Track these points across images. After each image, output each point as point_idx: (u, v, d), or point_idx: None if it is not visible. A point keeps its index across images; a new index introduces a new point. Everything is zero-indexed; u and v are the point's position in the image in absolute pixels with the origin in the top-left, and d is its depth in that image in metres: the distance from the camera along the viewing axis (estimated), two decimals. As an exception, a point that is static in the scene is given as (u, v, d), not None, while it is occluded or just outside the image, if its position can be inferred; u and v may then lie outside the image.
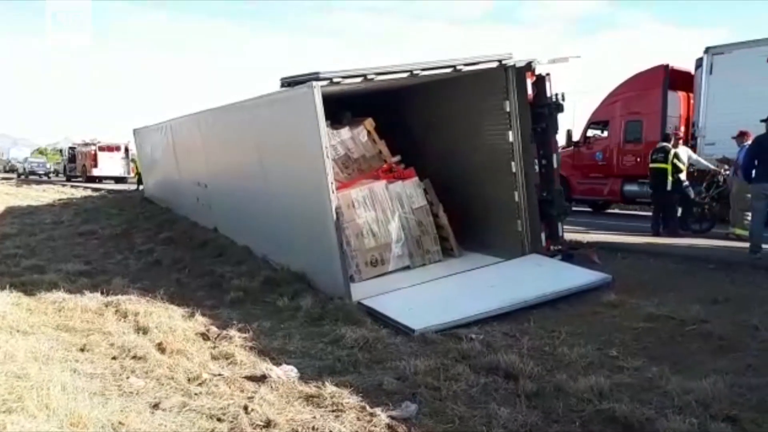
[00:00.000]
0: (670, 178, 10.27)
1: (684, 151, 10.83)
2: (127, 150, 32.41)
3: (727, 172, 10.76)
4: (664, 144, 10.52)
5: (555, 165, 7.78)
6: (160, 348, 4.84)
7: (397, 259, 7.80)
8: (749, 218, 9.06)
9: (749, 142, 9.21)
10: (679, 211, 10.62)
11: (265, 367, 4.42)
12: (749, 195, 9.40)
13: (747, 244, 8.39)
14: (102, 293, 6.44)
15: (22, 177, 38.19)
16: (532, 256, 7.71)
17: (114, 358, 4.65)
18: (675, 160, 10.26)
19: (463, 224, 8.32)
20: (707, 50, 12.27)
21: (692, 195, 10.54)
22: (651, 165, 10.48)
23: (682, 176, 10.36)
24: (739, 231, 9.95)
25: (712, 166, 11.08)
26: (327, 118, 6.59)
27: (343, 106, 8.89)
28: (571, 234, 8.87)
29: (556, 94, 7.64)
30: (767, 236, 8.11)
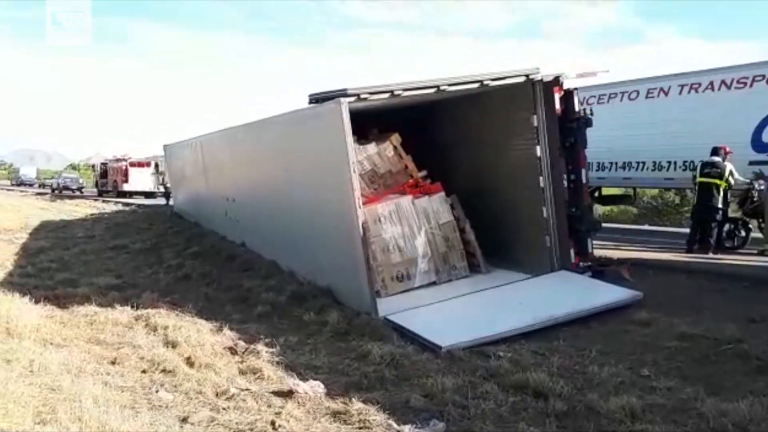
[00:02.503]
0: (721, 194, 9.94)
1: (732, 167, 10.39)
2: (157, 166, 33.01)
3: (762, 187, 10.50)
4: (716, 159, 10.12)
5: (584, 180, 7.68)
6: (189, 362, 4.88)
7: (423, 274, 7.76)
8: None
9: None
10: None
11: (291, 382, 4.43)
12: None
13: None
14: (132, 307, 6.53)
15: (56, 192, 39.13)
16: (561, 273, 7.61)
17: (144, 371, 4.70)
18: (730, 177, 9.93)
19: (490, 240, 8.25)
20: None
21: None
22: (701, 179, 9.91)
23: (728, 193, 10.04)
24: (774, 247, 9.71)
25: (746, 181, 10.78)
26: (354, 133, 6.64)
27: (369, 122, 8.94)
28: (600, 250, 8.73)
29: (584, 109, 7.57)
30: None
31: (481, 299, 7.06)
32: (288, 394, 4.24)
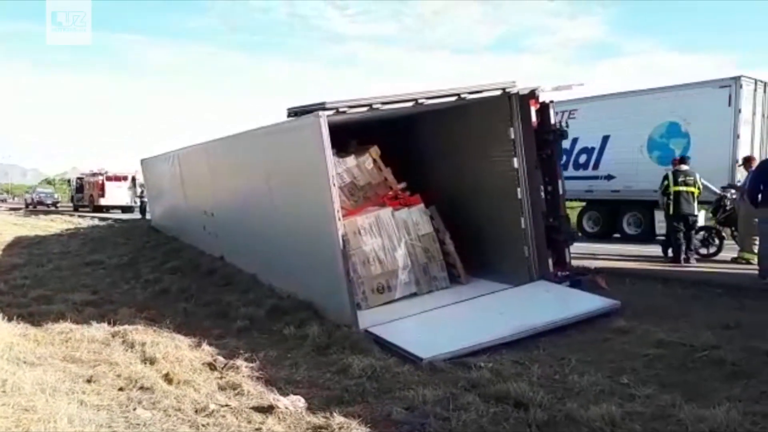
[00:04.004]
0: (695, 202, 10.13)
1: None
2: (134, 180, 32.66)
3: (734, 197, 10.74)
4: (686, 167, 10.30)
5: (561, 191, 7.78)
6: (167, 378, 4.81)
7: (403, 286, 7.78)
8: (757, 242, 9.03)
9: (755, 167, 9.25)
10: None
11: (272, 397, 4.39)
12: (757, 219, 9.39)
13: (755, 269, 8.34)
14: (109, 323, 6.43)
15: (30, 207, 38.48)
16: (539, 283, 7.68)
17: (121, 389, 4.62)
18: (700, 183, 10.13)
19: (470, 251, 8.30)
20: None
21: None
22: (677, 188, 10.05)
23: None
24: (747, 255, 9.91)
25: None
26: (333, 146, 6.65)
27: (349, 134, 8.96)
28: (578, 260, 8.83)
29: (560, 121, 7.68)
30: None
31: (462, 310, 7.08)
32: (268, 410, 4.20)
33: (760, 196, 8.11)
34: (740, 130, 12.07)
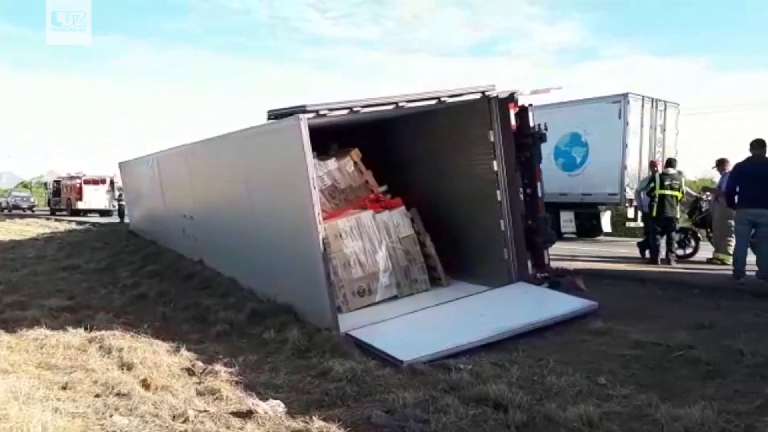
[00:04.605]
0: (678, 205, 10.31)
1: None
2: (112, 183, 32.28)
3: (709, 198, 10.94)
4: (673, 171, 10.46)
5: (539, 193, 7.86)
6: (145, 384, 4.75)
7: (384, 288, 7.78)
8: (732, 244, 9.20)
9: (729, 169, 9.42)
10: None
11: (251, 402, 4.36)
12: (731, 221, 9.59)
13: (730, 269, 8.49)
14: (85, 329, 6.33)
15: (5, 211, 37.81)
16: (519, 284, 7.73)
17: (97, 395, 4.56)
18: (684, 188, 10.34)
19: (450, 253, 8.34)
20: None
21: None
22: (662, 192, 10.24)
23: None
24: (722, 256, 10.09)
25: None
26: (313, 149, 6.64)
27: (329, 137, 8.96)
28: (557, 261, 8.91)
29: (539, 124, 7.76)
30: (751, 261, 8.22)
31: (442, 312, 7.10)
32: (247, 415, 4.17)
33: (736, 198, 8.26)
34: (628, 140, 13.63)
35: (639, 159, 13.82)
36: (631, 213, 14.17)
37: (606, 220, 14.81)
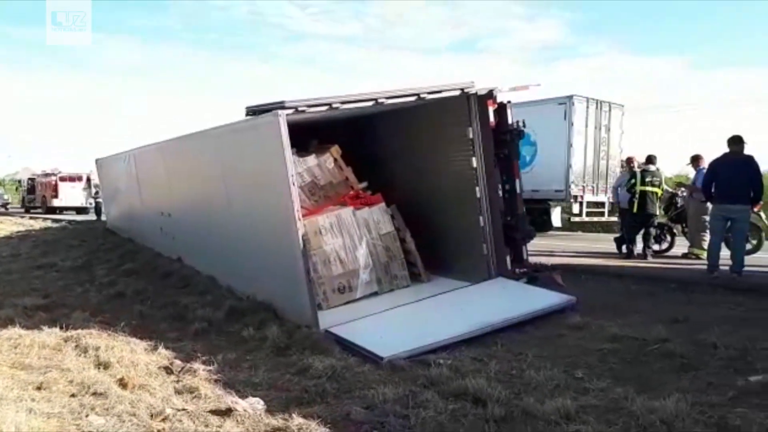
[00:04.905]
0: (657, 201, 10.45)
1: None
2: (89, 180, 31.77)
3: (684, 194, 11.11)
4: (654, 168, 10.60)
5: (518, 190, 7.92)
6: (122, 383, 4.69)
7: (365, 285, 7.78)
8: (706, 239, 9.36)
9: (704, 166, 9.58)
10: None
11: (230, 400, 4.33)
12: (706, 217, 9.77)
13: (705, 264, 8.65)
14: (61, 328, 6.22)
15: (-22, 209, 37.01)
16: (498, 280, 7.79)
17: (73, 395, 4.49)
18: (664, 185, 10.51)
19: (430, 249, 8.36)
20: None
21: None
22: (643, 188, 10.32)
23: None
24: (697, 251, 10.26)
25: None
26: (293, 145, 6.61)
27: (309, 134, 8.92)
28: (535, 257, 8.99)
29: (517, 121, 7.82)
30: (725, 255, 8.38)
31: (422, 308, 7.13)
32: (226, 413, 4.15)
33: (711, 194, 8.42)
34: (573, 140, 14.23)
35: (584, 158, 14.55)
36: (576, 209, 14.72)
37: (556, 216, 15.20)
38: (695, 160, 10.62)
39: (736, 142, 8.17)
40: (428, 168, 8.63)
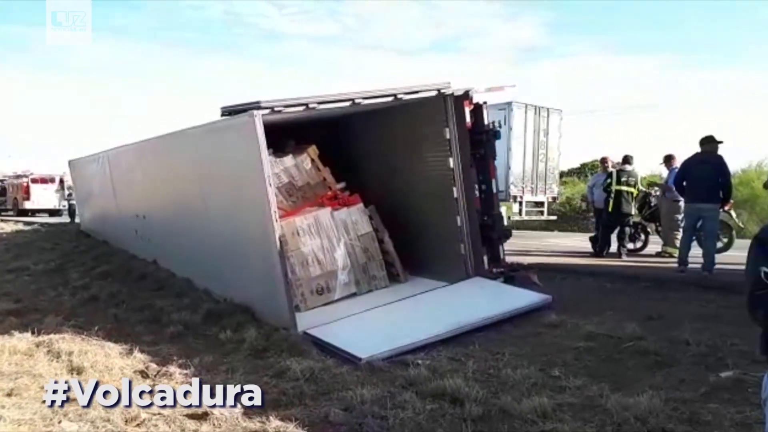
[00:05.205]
0: (632, 201, 10.61)
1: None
2: (62, 181, 31.21)
3: (657, 194, 11.29)
4: (630, 168, 10.75)
5: (494, 190, 7.98)
6: (96, 388, 4.62)
7: (343, 286, 7.76)
8: (680, 237, 9.55)
9: (677, 165, 9.76)
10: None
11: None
12: (678, 216, 9.97)
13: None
14: (33, 333, 6.10)
15: (-54, 212, 36.14)
16: (475, 279, 7.83)
17: (44, 401, 4.41)
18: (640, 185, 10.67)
19: (408, 249, 8.37)
20: None
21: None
22: (618, 188, 10.46)
23: None
24: (670, 249, 10.44)
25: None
26: (270, 146, 6.57)
27: (286, 134, 8.87)
28: (512, 256, 9.06)
29: (493, 122, 7.87)
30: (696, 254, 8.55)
31: (401, 308, 7.14)
32: (202, 417, 4.11)
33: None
34: (512, 144, 14.75)
35: (523, 160, 15.13)
36: (516, 208, 15.20)
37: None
38: (668, 159, 10.80)
39: (707, 141, 8.35)
40: (406, 168, 8.64)
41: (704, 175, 8.25)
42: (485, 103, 7.90)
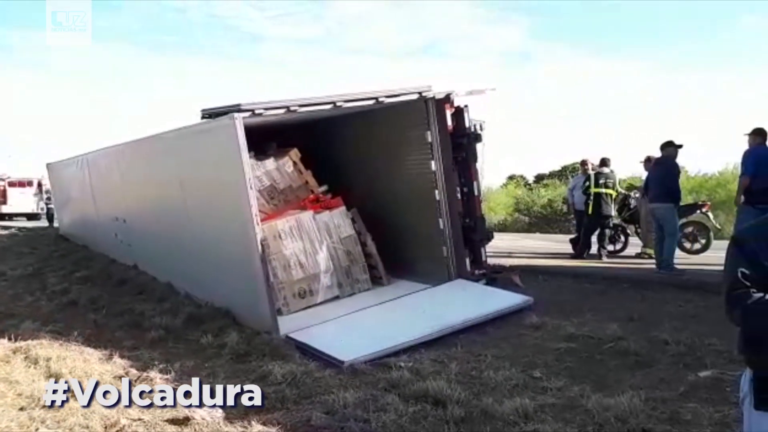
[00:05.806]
0: (611, 203, 10.72)
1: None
2: (40, 185, 30.74)
3: (636, 196, 11.42)
4: (607, 170, 10.87)
5: (476, 192, 8.01)
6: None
7: (326, 289, 7.74)
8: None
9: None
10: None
11: (187, 408, 4.25)
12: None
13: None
14: (9, 339, 5.99)
15: None
16: (457, 282, 7.85)
17: (22, 408, 4.32)
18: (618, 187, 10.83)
19: (390, 252, 8.38)
20: None
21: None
22: (597, 190, 10.54)
23: None
24: (649, 251, 10.56)
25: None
26: (251, 149, 6.54)
27: (268, 137, 8.84)
28: (494, 258, 9.10)
29: (475, 125, 7.91)
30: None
31: (383, 311, 7.13)
32: (184, 422, 4.07)
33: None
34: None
35: None
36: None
37: None
38: (648, 161, 10.94)
39: (667, 146, 8.71)
40: (388, 171, 8.65)
41: (657, 176, 8.78)
42: (466, 106, 7.94)
